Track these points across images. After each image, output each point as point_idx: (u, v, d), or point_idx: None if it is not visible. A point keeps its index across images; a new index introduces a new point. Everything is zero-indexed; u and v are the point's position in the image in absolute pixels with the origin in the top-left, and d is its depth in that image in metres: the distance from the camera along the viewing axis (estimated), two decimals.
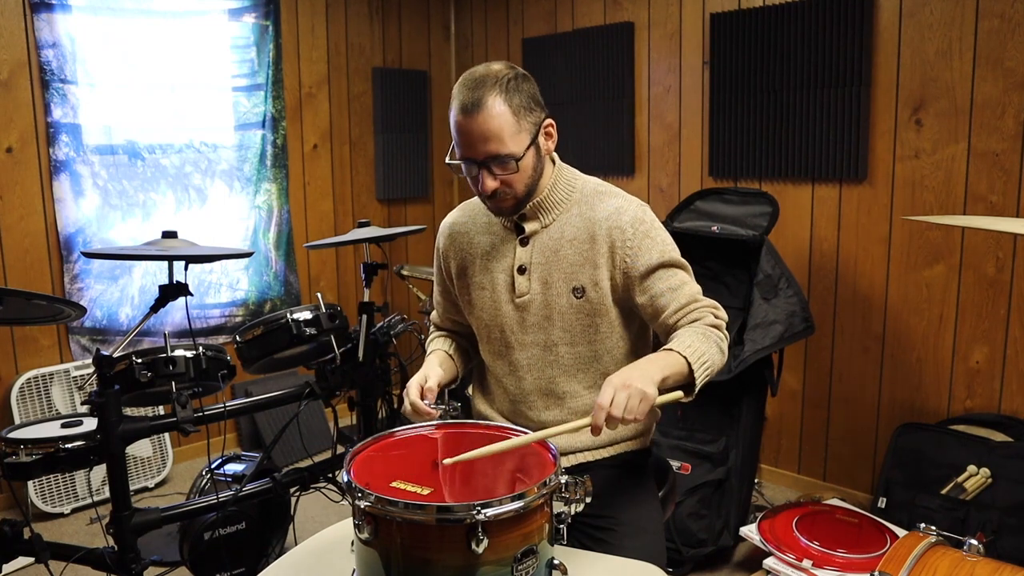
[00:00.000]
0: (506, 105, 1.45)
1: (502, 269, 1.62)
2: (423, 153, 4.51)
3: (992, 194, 2.67)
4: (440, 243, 1.74)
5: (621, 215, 1.55)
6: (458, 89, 1.49)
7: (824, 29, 2.96)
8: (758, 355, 2.67)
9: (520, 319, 1.60)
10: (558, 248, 1.58)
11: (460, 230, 1.71)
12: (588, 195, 1.61)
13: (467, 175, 1.54)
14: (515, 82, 1.48)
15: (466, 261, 1.68)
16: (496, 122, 1.45)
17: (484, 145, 1.46)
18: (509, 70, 1.50)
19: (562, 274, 1.57)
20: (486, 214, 1.67)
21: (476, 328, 1.70)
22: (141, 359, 2.07)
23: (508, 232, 1.63)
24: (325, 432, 3.84)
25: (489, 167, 1.48)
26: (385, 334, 2.62)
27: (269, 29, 3.76)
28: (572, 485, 1.20)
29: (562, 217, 1.60)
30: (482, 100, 1.44)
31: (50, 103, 3.14)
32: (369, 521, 1.10)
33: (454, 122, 1.49)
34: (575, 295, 1.56)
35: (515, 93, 1.47)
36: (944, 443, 2.69)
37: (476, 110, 1.44)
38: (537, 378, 1.62)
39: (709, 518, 2.71)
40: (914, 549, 1.42)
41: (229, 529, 2.40)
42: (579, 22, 3.87)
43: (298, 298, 4.01)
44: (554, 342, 1.59)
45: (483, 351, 1.70)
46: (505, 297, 1.61)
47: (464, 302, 1.70)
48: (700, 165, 3.46)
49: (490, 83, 1.46)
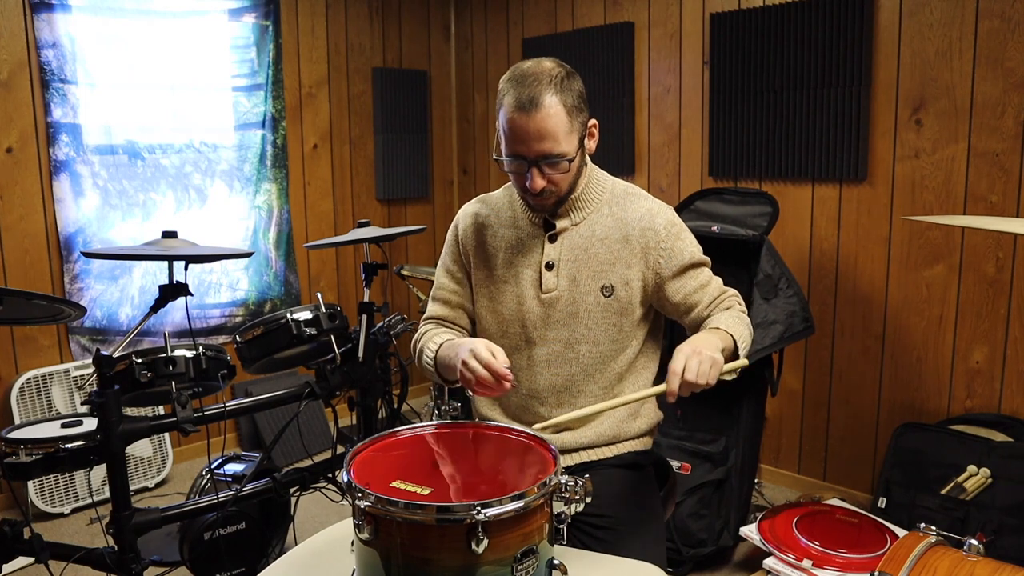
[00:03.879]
0: (561, 104, 1.44)
1: (528, 264, 1.61)
2: (423, 153, 4.51)
3: (992, 194, 2.67)
4: (461, 228, 1.71)
5: (655, 217, 1.58)
6: (510, 85, 1.46)
7: (824, 29, 2.96)
8: (758, 355, 2.67)
9: (545, 315, 1.59)
10: (588, 246, 1.58)
11: (483, 221, 1.68)
12: (618, 196, 1.62)
13: (512, 171, 1.52)
14: (567, 80, 1.46)
15: (488, 253, 1.66)
16: (552, 121, 1.43)
17: (539, 144, 1.44)
18: (560, 67, 1.48)
19: (591, 272, 1.57)
20: (510, 208, 1.66)
21: (490, 321, 1.67)
22: (141, 359, 2.07)
23: (536, 228, 1.62)
24: (325, 432, 3.84)
25: (540, 166, 1.47)
26: (385, 334, 2.62)
27: (269, 29, 3.76)
28: (572, 485, 1.20)
29: (592, 216, 1.60)
30: (539, 98, 1.42)
31: (50, 103, 3.14)
32: (369, 521, 1.09)
33: (507, 118, 1.45)
34: (604, 293, 1.57)
35: (568, 92, 1.46)
36: (944, 443, 2.69)
37: (533, 108, 1.42)
38: (554, 375, 1.61)
39: (709, 518, 2.71)
40: (914, 549, 1.42)
41: (229, 529, 2.40)
42: (579, 22, 3.87)
43: (298, 298, 4.01)
44: (577, 340, 1.59)
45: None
46: (531, 292, 1.60)
47: (480, 295, 1.67)
48: (700, 165, 3.46)
49: (545, 80, 1.43)
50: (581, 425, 1.62)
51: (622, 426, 1.63)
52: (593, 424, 1.62)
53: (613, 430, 1.62)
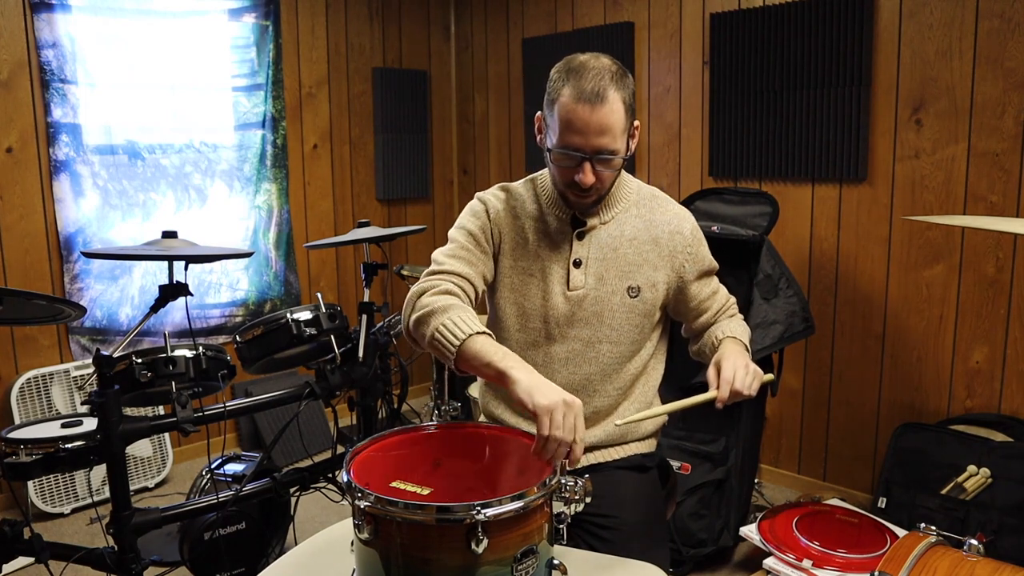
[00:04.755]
0: (622, 101, 1.43)
1: (556, 260, 1.58)
2: (423, 153, 4.51)
3: (992, 194, 2.67)
4: (492, 209, 1.61)
5: (683, 222, 1.61)
6: (569, 75, 1.43)
7: (824, 29, 2.96)
8: (758, 355, 2.67)
9: (570, 312, 1.57)
10: (617, 246, 1.57)
11: (511, 210, 1.62)
12: (645, 197, 1.63)
13: (561, 164, 1.48)
14: (625, 79, 1.46)
15: (516, 243, 1.60)
16: (615, 117, 1.42)
17: (599, 138, 1.42)
18: (616, 64, 1.46)
19: (618, 272, 1.57)
20: (535, 201, 1.62)
21: (508, 313, 1.61)
22: (141, 359, 2.07)
23: (563, 224, 1.59)
24: (325, 432, 3.84)
25: (594, 161, 1.45)
26: (385, 334, 2.62)
27: (269, 29, 3.76)
28: (572, 485, 1.20)
29: (620, 216, 1.59)
30: (605, 92, 1.40)
31: (50, 103, 3.14)
32: (369, 521, 1.10)
33: (567, 109, 1.42)
34: (630, 294, 1.57)
35: (626, 90, 1.45)
36: (944, 443, 2.69)
37: (599, 101, 1.40)
38: (572, 373, 1.59)
39: (709, 518, 2.71)
40: (914, 549, 1.42)
41: (229, 529, 2.40)
42: (579, 22, 3.87)
43: (298, 298, 4.01)
44: (599, 339, 1.58)
45: (512, 339, 1.62)
46: (558, 289, 1.57)
47: (503, 284, 1.61)
48: (700, 165, 3.46)
49: (607, 76, 1.42)
50: (591, 425, 1.61)
51: (628, 427, 1.62)
52: (601, 425, 1.62)
53: (620, 431, 1.62)
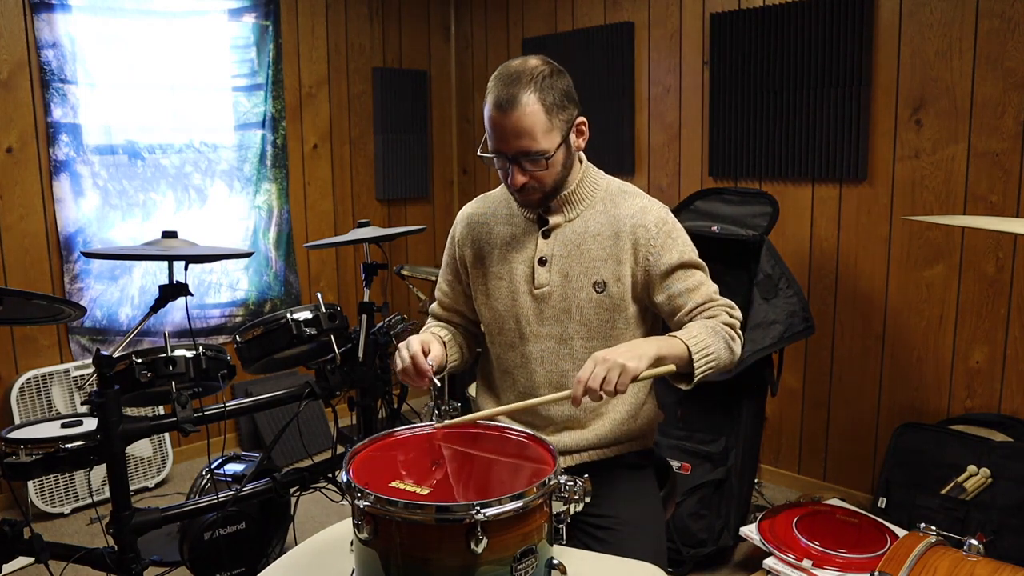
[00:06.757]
0: (539, 103, 1.46)
1: (522, 260, 1.63)
2: (423, 153, 4.51)
3: (992, 194, 2.67)
4: (456, 231, 1.75)
5: (646, 214, 1.59)
6: (493, 83, 1.50)
7: (824, 29, 2.96)
8: (758, 355, 2.67)
9: (538, 310, 1.61)
10: (581, 242, 1.59)
11: (479, 220, 1.72)
12: (613, 193, 1.63)
13: (497, 167, 1.56)
14: (550, 79, 1.49)
15: (484, 251, 1.68)
16: (528, 120, 1.46)
17: (516, 141, 1.48)
18: (545, 66, 1.50)
19: (583, 268, 1.58)
20: (507, 205, 1.69)
21: (488, 319, 1.69)
22: (141, 359, 2.07)
23: (530, 224, 1.64)
24: (325, 432, 3.84)
25: (519, 162, 1.50)
26: (385, 334, 2.62)
27: (269, 29, 3.76)
28: (571, 485, 1.20)
29: (586, 213, 1.61)
30: (516, 97, 1.45)
31: (50, 103, 3.14)
32: (368, 521, 1.10)
33: (488, 116, 1.50)
34: (596, 289, 1.58)
35: (549, 91, 1.48)
36: (944, 443, 2.69)
37: (510, 107, 1.45)
38: (549, 371, 1.62)
39: (709, 518, 2.71)
40: (914, 549, 1.42)
41: (229, 529, 2.41)
42: (579, 22, 3.87)
43: (298, 298, 4.01)
44: (570, 335, 1.60)
45: (493, 343, 1.70)
46: (523, 288, 1.62)
47: (478, 292, 1.70)
48: (700, 165, 3.46)
49: (525, 79, 1.46)
50: (581, 426, 1.62)
51: (622, 427, 1.63)
52: (594, 426, 1.62)
53: (614, 431, 1.62)
